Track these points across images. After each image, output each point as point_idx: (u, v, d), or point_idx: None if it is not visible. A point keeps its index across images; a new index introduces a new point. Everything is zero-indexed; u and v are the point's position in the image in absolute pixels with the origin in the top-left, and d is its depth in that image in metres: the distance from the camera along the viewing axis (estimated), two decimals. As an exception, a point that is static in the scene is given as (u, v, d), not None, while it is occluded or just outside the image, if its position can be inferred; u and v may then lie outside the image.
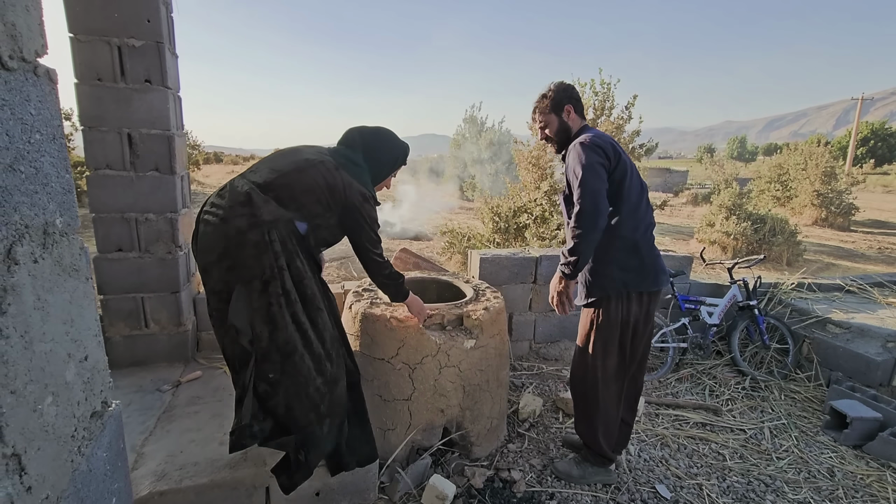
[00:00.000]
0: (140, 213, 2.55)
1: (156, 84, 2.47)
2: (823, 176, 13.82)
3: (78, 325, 0.57)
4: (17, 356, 0.44)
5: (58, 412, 0.51)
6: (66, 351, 0.53)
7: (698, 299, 3.54)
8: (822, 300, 3.74)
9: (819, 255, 9.37)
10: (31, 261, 0.48)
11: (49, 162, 0.53)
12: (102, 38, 2.37)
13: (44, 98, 0.53)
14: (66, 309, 0.55)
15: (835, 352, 3.21)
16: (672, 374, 3.35)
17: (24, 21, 0.51)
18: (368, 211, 1.81)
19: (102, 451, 0.61)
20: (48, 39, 0.57)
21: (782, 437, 2.68)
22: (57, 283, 0.53)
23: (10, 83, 0.47)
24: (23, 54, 0.50)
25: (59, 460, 0.50)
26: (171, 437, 2.00)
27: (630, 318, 2.01)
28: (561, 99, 2.04)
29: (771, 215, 8.78)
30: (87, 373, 0.58)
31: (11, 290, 0.44)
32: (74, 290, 0.57)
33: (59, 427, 0.51)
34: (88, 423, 0.58)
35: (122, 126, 2.46)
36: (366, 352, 2.18)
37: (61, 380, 0.52)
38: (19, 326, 0.45)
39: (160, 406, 2.27)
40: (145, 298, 2.65)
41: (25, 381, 0.45)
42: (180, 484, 1.71)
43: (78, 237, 0.60)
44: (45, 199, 0.52)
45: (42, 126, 0.52)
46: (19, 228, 0.47)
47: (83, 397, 0.57)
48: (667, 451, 2.49)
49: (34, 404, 0.47)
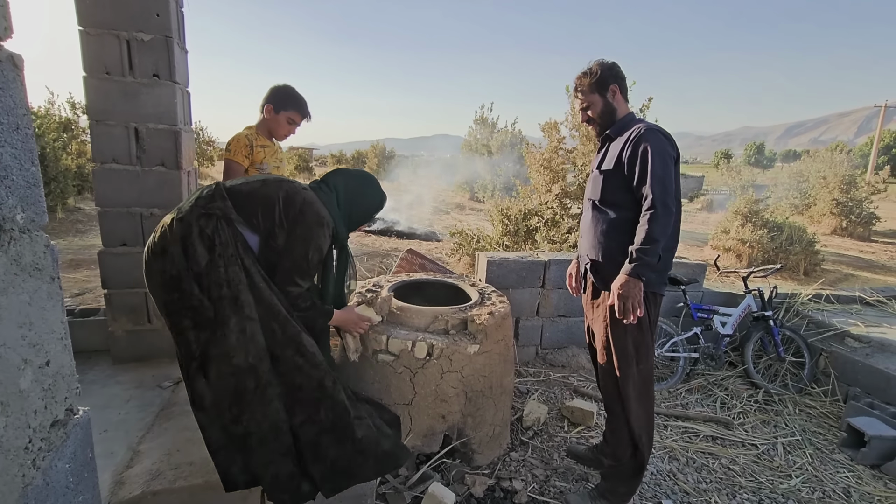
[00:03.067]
0: (145, 208, 2.55)
1: (164, 78, 2.46)
2: (843, 184, 13.50)
3: (38, 328, 0.53)
4: (-46, 365, 0.40)
5: (7, 423, 0.47)
6: (20, 356, 0.50)
7: (711, 308, 3.45)
8: (840, 312, 3.62)
9: (838, 265, 9.14)
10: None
11: (10, 153, 0.50)
12: (111, 31, 2.36)
13: (6, 85, 0.50)
14: (24, 311, 0.51)
15: (853, 366, 3.09)
16: (682, 385, 3.26)
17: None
18: (318, 235, 1.64)
19: (64, 463, 0.57)
20: (13, 22, 0.53)
21: (796, 454, 2.58)
22: (13, 283, 0.49)
23: (-39, 66, 0.43)
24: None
25: (8, 475, 0.47)
26: (168, 434, 1.98)
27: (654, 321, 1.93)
28: (606, 78, 1.88)
29: (788, 223, 8.58)
30: (47, 379, 0.55)
31: (-50, 291, 0.40)
32: (35, 290, 0.53)
33: (9, 439, 0.47)
34: (48, 434, 0.54)
35: (129, 120, 2.45)
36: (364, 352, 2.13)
37: (13, 388, 0.48)
38: (-41, 332, 0.41)
39: (159, 403, 2.26)
40: (148, 294, 2.63)
41: (-36, 391, 0.41)
42: (174, 484, 1.68)
43: (43, 234, 0.56)
44: (4, 193, 0.48)
45: (3, 114, 0.49)
46: (-33, 224, 0.43)
47: (42, 406, 0.53)
48: (675, 465, 2.42)
49: (-25, 417, 0.43)
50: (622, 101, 1.94)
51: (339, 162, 29.11)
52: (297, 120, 2.47)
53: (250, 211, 1.60)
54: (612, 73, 1.90)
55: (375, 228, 9.68)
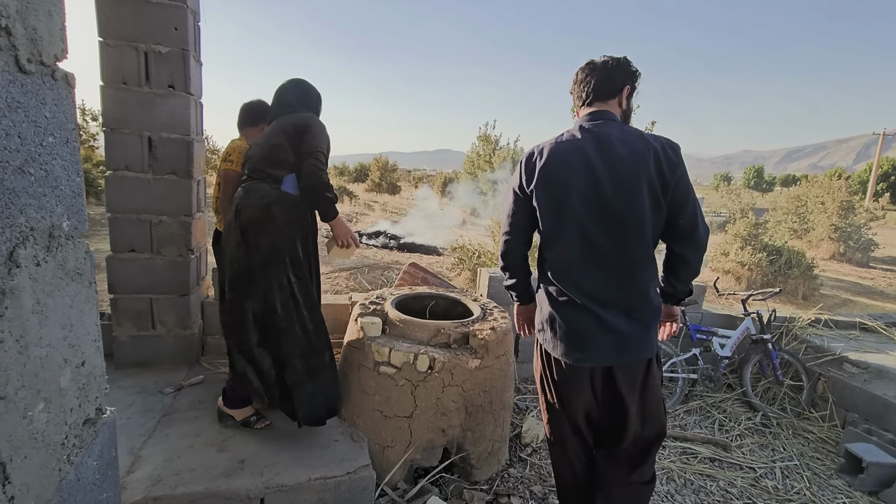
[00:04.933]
0: (155, 216, 2.59)
1: (179, 90, 2.53)
2: (841, 210, 13.60)
3: (77, 329, 0.56)
4: (11, 361, 0.43)
5: (49, 419, 0.50)
6: (62, 356, 0.53)
7: (710, 330, 3.47)
8: (838, 338, 3.64)
9: (836, 291, 9.17)
10: (33, 264, 0.48)
11: (60, 165, 0.53)
12: (130, 43, 2.43)
13: (60, 102, 0.54)
14: (66, 313, 0.54)
15: (851, 392, 3.10)
16: (681, 406, 3.27)
17: (46, 25, 0.51)
18: (317, 127, 2.05)
19: (93, 460, 0.59)
20: (69, 44, 0.57)
21: (794, 479, 2.58)
22: (58, 286, 0.52)
23: (26, 86, 0.47)
24: (42, 58, 0.50)
25: (47, 469, 0.49)
26: (170, 441, 1.99)
27: None
28: (624, 77, 1.60)
29: (787, 247, 8.63)
30: (83, 378, 0.57)
31: (10, 293, 0.43)
32: (76, 294, 0.56)
33: (49, 435, 0.50)
34: (80, 431, 0.57)
35: (143, 129, 2.51)
36: (366, 364, 2.15)
37: (55, 386, 0.51)
38: (15, 330, 0.44)
39: (161, 409, 2.27)
40: (154, 299, 2.66)
41: (17, 386, 0.44)
42: (175, 490, 1.69)
43: (84, 241, 0.60)
44: (54, 201, 0.52)
45: (56, 129, 0.52)
46: (24, 231, 0.46)
47: (77, 404, 0.56)
48: (672, 486, 2.41)
49: (24, 411, 0.46)
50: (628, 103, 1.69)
51: (342, 174, 29.30)
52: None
53: (277, 161, 2.02)
54: (626, 72, 1.63)
55: (377, 242, 9.72)
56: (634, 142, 1.47)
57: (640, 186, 1.44)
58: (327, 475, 1.85)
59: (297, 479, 1.81)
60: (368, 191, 24.00)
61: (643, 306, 1.53)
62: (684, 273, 1.61)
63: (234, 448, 1.97)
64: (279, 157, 2.02)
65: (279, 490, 1.78)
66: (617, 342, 1.51)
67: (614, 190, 1.46)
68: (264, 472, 1.82)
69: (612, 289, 1.51)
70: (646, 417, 1.62)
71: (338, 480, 1.85)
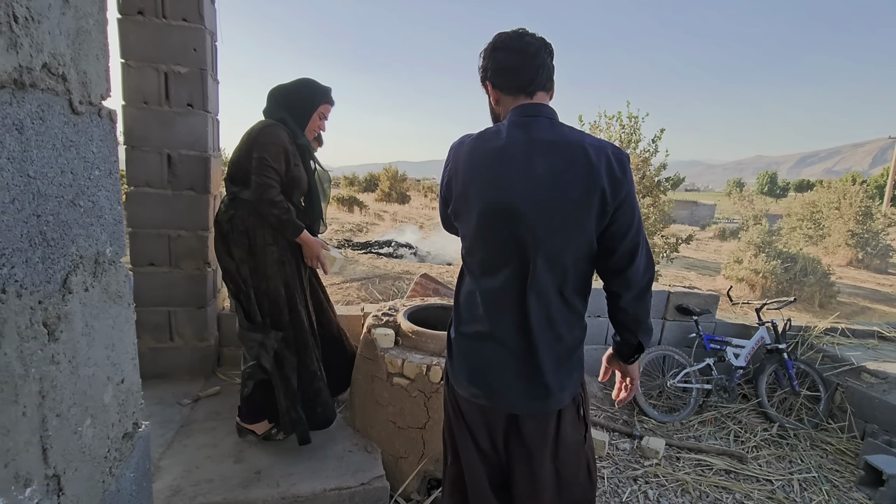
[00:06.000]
0: (174, 230, 2.66)
1: (197, 108, 2.60)
2: (858, 215, 13.40)
3: (118, 349, 0.60)
4: (65, 381, 0.47)
5: (94, 434, 0.54)
6: (105, 374, 0.56)
7: (724, 339, 3.44)
8: (856, 347, 3.58)
9: (854, 298, 9.01)
10: (82, 289, 0.51)
11: (105, 196, 0.57)
12: (151, 64, 2.52)
13: (104, 137, 0.58)
14: (109, 334, 0.58)
15: (870, 402, 3.05)
16: (695, 417, 3.24)
17: (94, 68, 0.56)
18: (267, 135, 1.95)
19: (131, 472, 0.63)
20: (111, 83, 0.62)
21: (812, 491, 2.54)
22: (103, 309, 0.56)
23: (77, 125, 0.51)
24: (90, 99, 0.55)
25: (93, 481, 0.53)
26: (188, 451, 2.03)
27: None
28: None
29: (802, 254, 8.52)
30: (122, 395, 0.61)
31: (64, 318, 0.47)
32: (117, 315, 0.60)
33: (95, 448, 0.54)
34: (120, 444, 0.61)
35: (163, 147, 2.59)
36: (379, 375, 2.18)
37: (100, 402, 0.55)
38: (68, 352, 0.48)
39: (179, 420, 2.31)
40: (173, 312, 2.73)
41: (70, 404, 0.48)
42: (194, 501, 1.73)
43: (123, 265, 0.64)
44: (99, 230, 0.56)
45: (101, 163, 0.57)
46: (74, 259, 0.50)
47: (117, 419, 0.60)
48: (687, 499, 2.39)
49: (75, 426, 0.49)
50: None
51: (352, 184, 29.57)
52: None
53: (242, 176, 2.00)
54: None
55: (386, 251, 9.78)
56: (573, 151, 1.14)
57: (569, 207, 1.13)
58: (342, 486, 1.88)
59: (312, 489, 1.84)
60: (378, 200, 24.21)
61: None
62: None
63: (250, 459, 2.01)
64: (235, 173, 2.02)
65: (295, 501, 1.81)
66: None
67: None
68: (280, 483, 1.85)
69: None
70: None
71: (352, 491, 1.87)
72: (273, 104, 2.07)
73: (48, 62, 0.44)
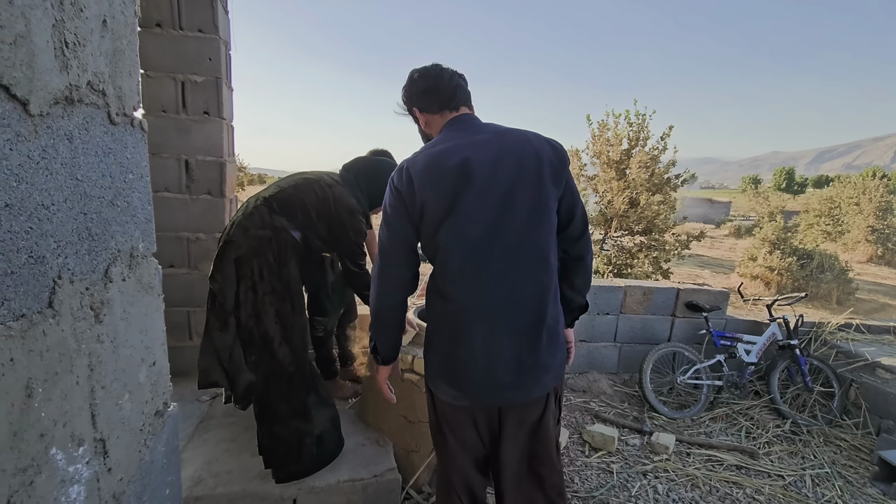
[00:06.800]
0: (192, 233, 2.75)
1: (213, 115, 2.70)
2: (878, 211, 13.13)
3: (150, 334, 0.67)
4: (108, 358, 0.53)
5: (132, 408, 0.60)
6: (140, 356, 0.63)
7: (735, 336, 3.43)
8: (871, 343, 3.55)
9: (873, 295, 8.84)
10: (120, 279, 0.58)
11: (137, 196, 0.64)
12: (169, 74, 2.62)
13: (136, 144, 0.65)
14: (143, 320, 0.65)
15: (885, 398, 3.02)
16: (706, 413, 3.24)
17: (128, 83, 0.63)
18: (354, 223, 2.02)
19: (161, 446, 0.70)
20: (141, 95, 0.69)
21: (825, 487, 2.53)
22: (137, 298, 0.63)
23: (114, 135, 0.58)
24: (125, 110, 0.62)
25: (131, 449, 0.59)
26: (208, 445, 2.11)
27: None
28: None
29: (819, 251, 8.39)
30: (154, 376, 0.68)
31: (107, 303, 0.54)
32: (149, 304, 0.67)
33: (132, 421, 0.60)
34: (153, 420, 0.67)
35: (180, 153, 2.68)
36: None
37: (136, 380, 0.62)
38: (110, 333, 0.54)
39: (198, 415, 2.40)
40: (191, 312, 2.82)
41: (112, 379, 0.54)
42: (214, 490, 1.80)
43: (153, 259, 0.70)
44: (133, 227, 0.63)
45: (134, 167, 0.63)
46: (114, 252, 0.57)
47: (150, 397, 0.66)
48: (697, 493, 2.41)
49: (116, 399, 0.56)
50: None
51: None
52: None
53: (290, 213, 1.97)
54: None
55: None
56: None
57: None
58: (355, 478, 1.94)
59: (326, 481, 1.90)
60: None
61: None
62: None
63: (267, 452, 2.08)
64: (290, 210, 1.98)
65: (310, 492, 1.87)
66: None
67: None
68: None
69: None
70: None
71: (365, 483, 1.93)
72: (353, 178, 2.13)
73: (91, 80, 0.51)
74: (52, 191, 0.44)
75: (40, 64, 0.41)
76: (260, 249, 1.90)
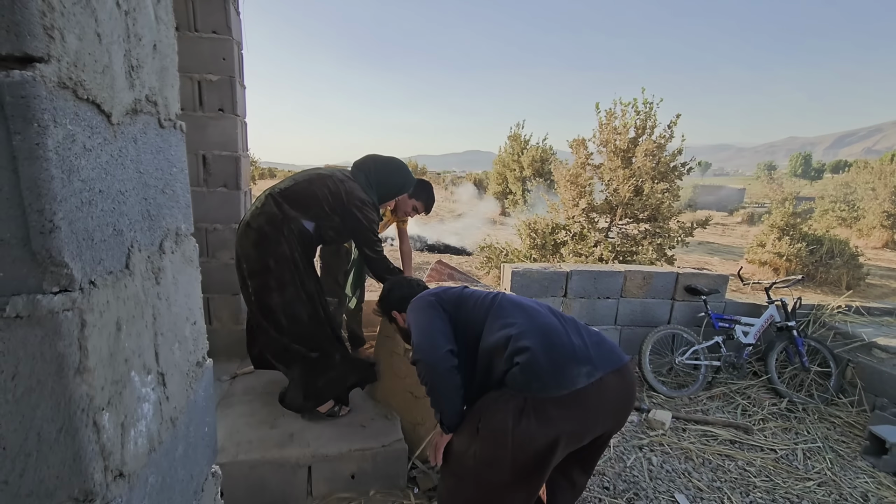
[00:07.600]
0: (209, 224, 2.92)
1: (227, 112, 2.85)
2: (894, 196, 12.93)
3: (192, 299, 0.81)
4: (164, 312, 0.68)
5: (181, 355, 0.75)
6: (185, 315, 0.78)
7: (733, 318, 3.53)
8: (869, 324, 3.62)
9: (885, 280, 8.79)
10: (170, 252, 0.73)
11: (180, 186, 0.79)
12: (186, 73, 2.77)
13: (178, 143, 0.79)
14: (187, 286, 0.79)
15: (881, 377, 3.11)
16: (703, 392, 3.35)
17: (171, 94, 0.77)
18: (366, 214, 2.18)
19: (202, 391, 0.84)
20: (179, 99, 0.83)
21: (815, 460, 2.64)
22: (182, 268, 0.78)
23: (163, 136, 0.73)
24: (169, 116, 0.76)
25: (181, 387, 0.74)
26: (230, 419, 2.29)
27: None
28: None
29: (828, 236, 8.35)
30: (195, 333, 0.83)
31: (162, 269, 0.68)
32: (191, 274, 0.82)
33: (181, 365, 0.75)
34: (195, 369, 0.82)
35: (198, 149, 2.84)
36: (397, 351, 2.39)
37: (182, 334, 0.76)
38: (165, 293, 0.69)
39: (220, 394, 2.58)
40: (210, 298, 3.00)
41: (167, 328, 0.69)
42: (237, 458, 1.97)
43: (192, 238, 0.85)
44: (177, 211, 0.77)
45: (177, 162, 0.78)
46: (165, 230, 0.71)
47: (193, 349, 0.81)
48: (690, 465, 2.53)
49: (170, 345, 0.70)
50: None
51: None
52: (419, 210, 2.83)
53: (304, 205, 2.13)
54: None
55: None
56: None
57: None
58: (365, 447, 2.10)
59: (339, 449, 2.07)
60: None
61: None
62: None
63: (284, 425, 2.25)
64: (305, 202, 2.14)
65: (324, 459, 2.04)
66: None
67: None
68: (311, 444, 2.08)
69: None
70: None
71: (374, 451, 2.10)
72: (363, 175, 2.27)
73: (147, 94, 0.65)
74: (125, 181, 0.58)
75: (118, 85, 0.55)
76: (274, 237, 2.08)
